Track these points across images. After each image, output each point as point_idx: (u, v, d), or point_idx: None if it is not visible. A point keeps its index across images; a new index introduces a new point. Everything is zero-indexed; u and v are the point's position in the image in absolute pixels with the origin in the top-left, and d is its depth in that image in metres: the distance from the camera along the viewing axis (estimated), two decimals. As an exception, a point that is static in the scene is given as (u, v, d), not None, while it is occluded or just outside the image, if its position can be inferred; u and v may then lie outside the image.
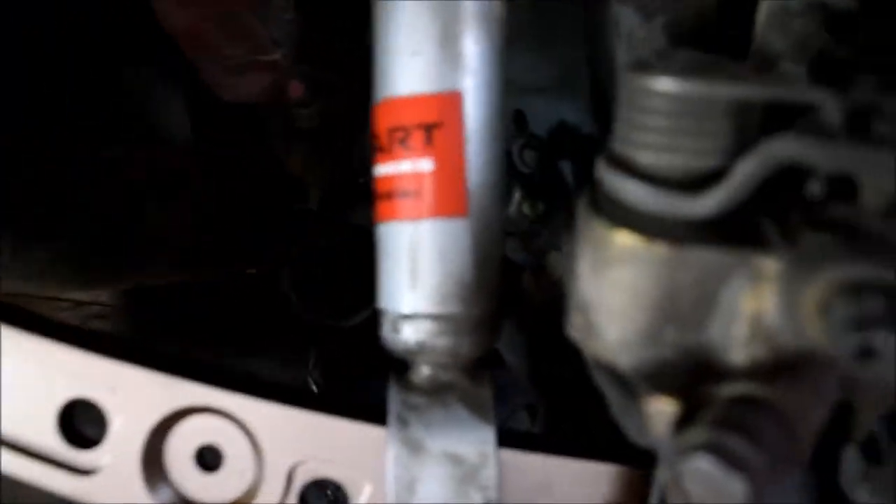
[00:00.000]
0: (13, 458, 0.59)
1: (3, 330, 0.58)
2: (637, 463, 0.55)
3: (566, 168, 0.80)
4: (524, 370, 0.84)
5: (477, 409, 0.53)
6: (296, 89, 1.04)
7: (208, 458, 0.59)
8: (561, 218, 0.75)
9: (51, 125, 0.97)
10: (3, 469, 0.59)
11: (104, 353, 0.58)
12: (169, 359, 0.59)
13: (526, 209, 0.75)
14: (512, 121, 0.84)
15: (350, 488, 0.57)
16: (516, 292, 0.84)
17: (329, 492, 0.59)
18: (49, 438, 0.59)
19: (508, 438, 0.54)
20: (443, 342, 0.53)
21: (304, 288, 1.23)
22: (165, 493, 0.59)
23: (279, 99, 1.10)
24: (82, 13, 0.95)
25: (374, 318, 0.58)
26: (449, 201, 0.53)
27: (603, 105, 0.76)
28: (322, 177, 1.10)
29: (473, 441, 0.52)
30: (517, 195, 0.75)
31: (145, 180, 1.10)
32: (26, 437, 0.59)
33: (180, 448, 0.59)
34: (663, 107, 0.34)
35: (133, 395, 0.57)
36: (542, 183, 0.77)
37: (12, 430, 0.59)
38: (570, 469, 0.56)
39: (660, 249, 0.34)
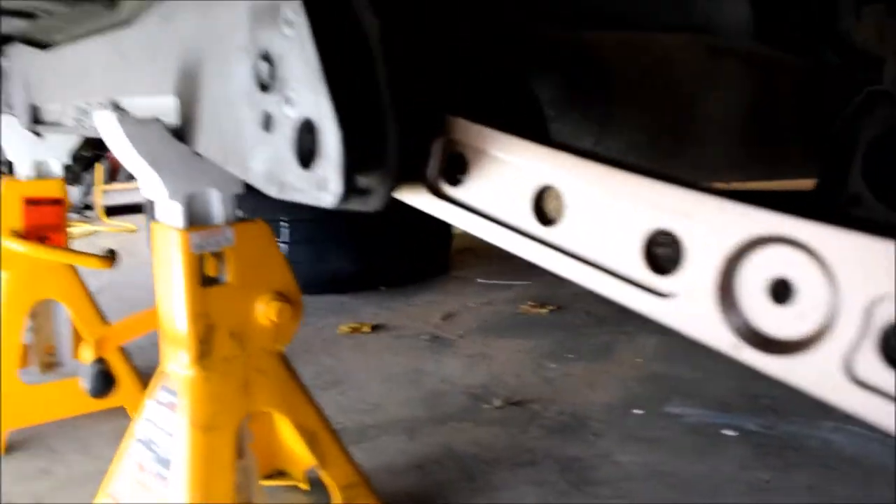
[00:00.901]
0: (604, 279, 0.68)
1: (592, 167, 0.67)
2: None
3: None
4: None
5: None
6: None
7: (780, 291, 0.60)
8: None
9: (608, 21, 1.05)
10: (596, 288, 0.68)
11: (680, 186, 0.63)
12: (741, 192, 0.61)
13: None
14: None
15: (939, 327, 0.53)
16: None
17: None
18: (634, 264, 0.66)
19: None
20: None
21: (880, 182, 1.12)
22: (736, 321, 0.62)
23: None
24: None
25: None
26: None
27: None
28: None
29: None
30: None
31: (702, 66, 1.13)
32: (615, 261, 0.68)
33: (752, 278, 0.61)
34: None
35: (709, 224, 0.61)
36: None
37: (603, 256, 0.68)
38: None
39: None
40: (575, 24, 0.98)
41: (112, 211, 7.27)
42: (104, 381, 1.15)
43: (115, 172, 8.14)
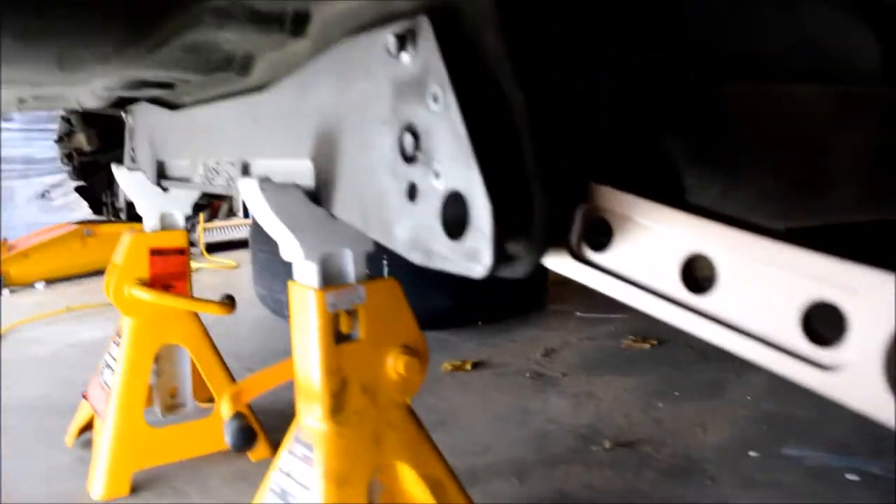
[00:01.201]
0: (761, 349, 0.67)
1: (744, 236, 0.67)
2: None
3: None
4: None
5: None
6: None
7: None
8: None
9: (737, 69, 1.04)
10: (752, 358, 0.68)
11: (842, 257, 0.62)
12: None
13: None
14: None
15: None
16: None
17: None
18: (792, 335, 0.66)
19: None
20: None
21: None
22: (907, 396, 0.60)
23: None
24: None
25: None
26: None
27: None
28: None
29: None
30: None
31: (832, 115, 1.11)
32: (771, 332, 0.67)
33: (926, 352, 0.59)
34: None
35: (876, 299, 0.60)
36: None
37: (759, 325, 0.68)
38: None
39: None
40: (707, 76, 0.98)
41: (212, 248, 7.55)
42: (246, 436, 1.20)
43: (216, 212, 8.45)
